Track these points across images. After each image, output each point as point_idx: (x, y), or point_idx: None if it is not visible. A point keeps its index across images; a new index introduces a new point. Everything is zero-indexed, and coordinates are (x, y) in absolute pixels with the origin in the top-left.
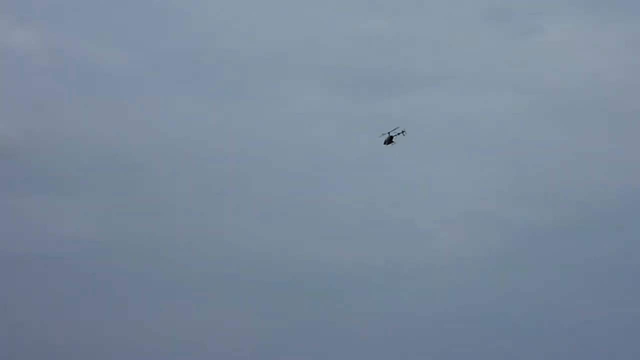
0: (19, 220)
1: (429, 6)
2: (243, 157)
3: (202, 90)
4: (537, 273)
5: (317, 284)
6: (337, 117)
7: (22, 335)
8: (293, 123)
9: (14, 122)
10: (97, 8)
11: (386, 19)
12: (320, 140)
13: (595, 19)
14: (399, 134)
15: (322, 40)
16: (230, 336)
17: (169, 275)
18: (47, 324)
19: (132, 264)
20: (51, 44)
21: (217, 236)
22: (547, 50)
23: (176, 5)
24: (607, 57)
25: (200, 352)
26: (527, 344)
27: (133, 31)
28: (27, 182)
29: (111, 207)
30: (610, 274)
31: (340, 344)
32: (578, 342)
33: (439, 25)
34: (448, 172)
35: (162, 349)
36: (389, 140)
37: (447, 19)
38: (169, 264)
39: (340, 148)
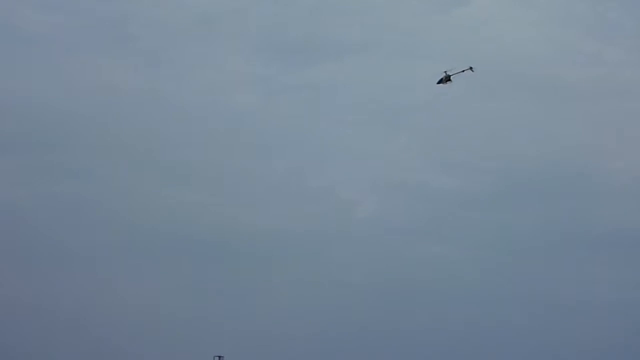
0: None
1: None
2: (167, 122)
3: (126, 54)
4: (458, 243)
5: (238, 248)
6: (261, 84)
7: None
8: (216, 89)
9: None
10: None
11: None
12: (243, 107)
13: None
14: (463, 71)
15: (249, 7)
16: (150, 296)
17: (91, 237)
18: None
19: (52, 226)
20: None
21: (139, 199)
22: (473, 21)
23: None
24: (531, 29)
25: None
26: (445, 313)
27: None
28: None
29: (32, 169)
30: (532, 244)
31: (256, 307)
32: (495, 312)
33: None
34: (371, 140)
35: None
36: (447, 79)
37: None
38: (91, 227)
39: (263, 115)
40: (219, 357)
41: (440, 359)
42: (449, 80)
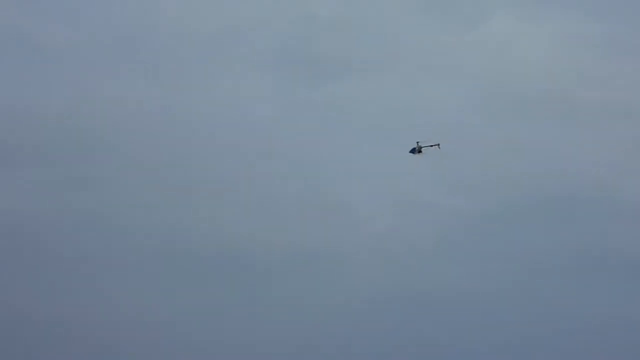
0: None
1: None
2: (182, 136)
3: (142, 68)
4: (469, 262)
5: (250, 263)
6: (276, 99)
7: None
8: (232, 103)
9: None
10: None
11: (329, 2)
12: (257, 122)
13: (539, 11)
14: (432, 146)
15: (269, 20)
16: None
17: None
18: None
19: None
20: None
21: (153, 213)
22: (490, 41)
23: None
24: (551, 49)
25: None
26: (457, 332)
27: (77, 8)
28: None
29: (50, 180)
30: (541, 264)
31: (265, 324)
32: (507, 333)
33: (383, 11)
34: (385, 158)
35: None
36: (418, 150)
37: (391, 5)
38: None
39: (277, 130)
40: None
41: None
42: (420, 151)
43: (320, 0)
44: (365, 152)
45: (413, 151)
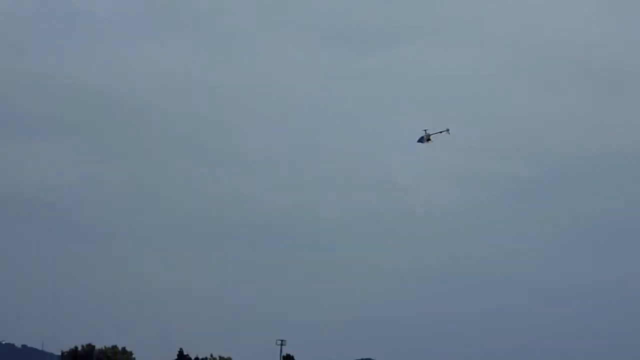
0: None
1: None
2: (223, 109)
3: (184, 42)
4: (514, 226)
5: (298, 235)
6: (320, 69)
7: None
8: (276, 76)
9: None
10: None
11: None
12: (302, 92)
13: None
14: (441, 132)
15: None
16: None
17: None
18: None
19: (110, 208)
20: None
21: (194, 186)
22: (531, 8)
23: None
24: (592, 16)
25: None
26: (502, 292)
27: None
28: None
29: (92, 152)
30: (586, 230)
31: (318, 293)
32: (553, 293)
33: None
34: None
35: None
36: (427, 139)
37: None
38: (141, 211)
39: (322, 100)
40: (282, 341)
41: (500, 340)
42: (429, 139)
43: None
44: (413, 121)
45: (421, 140)
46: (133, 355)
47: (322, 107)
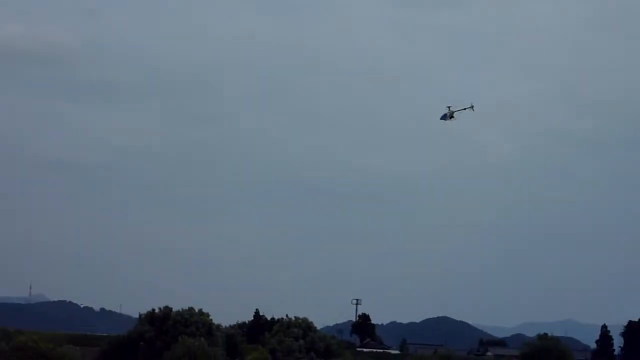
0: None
1: None
2: (300, 68)
3: (260, 2)
4: (594, 184)
5: (370, 192)
6: (396, 26)
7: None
8: (351, 33)
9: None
10: None
11: None
12: (377, 50)
13: None
14: (465, 109)
15: None
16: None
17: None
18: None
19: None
20: None
21: (269, 145)
22: None
23: None
24: None
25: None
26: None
27: None
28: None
29: (168, 116)
30: None
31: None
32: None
33: None
34: (504, 83)
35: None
36: (450, 116)
37: None
38: (222, 172)
39: (396, 58)
40: (357, 300)
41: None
42: (452, 117)
43: None
44: (488, 77)
45: (444, 117)
46: (210, 317)
47: (398, 63)
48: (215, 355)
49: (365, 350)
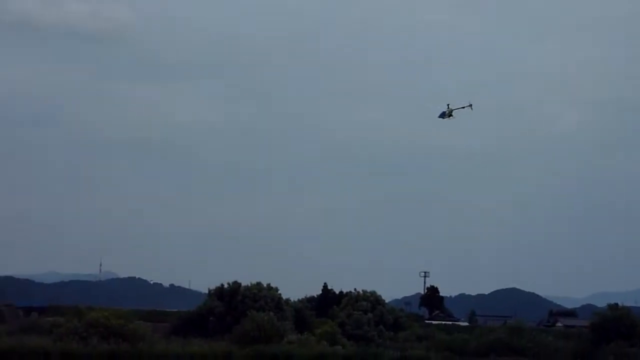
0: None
1: None
2: (347, 43)
3: None
4: None
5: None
6: (446, 3)
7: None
8: (402, 8)
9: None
10: None
11: None
12: (431, 25)
13: None
14: (463, 107)
15: None
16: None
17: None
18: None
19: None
20: None
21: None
22: None
23: None
24: None
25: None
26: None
27: None
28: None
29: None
30: None
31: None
32: None
33: None
34: (570, 54)
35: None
36: (449, 114)
37: None
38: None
39: (451, 33)
40: (425, 272)
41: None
42: (451, 115)
43: None
44: (543, 50)
45: (443, 115)
46: (278, 292)
47: (454, 37)
48: (284, 329)
49: (434, 322)
